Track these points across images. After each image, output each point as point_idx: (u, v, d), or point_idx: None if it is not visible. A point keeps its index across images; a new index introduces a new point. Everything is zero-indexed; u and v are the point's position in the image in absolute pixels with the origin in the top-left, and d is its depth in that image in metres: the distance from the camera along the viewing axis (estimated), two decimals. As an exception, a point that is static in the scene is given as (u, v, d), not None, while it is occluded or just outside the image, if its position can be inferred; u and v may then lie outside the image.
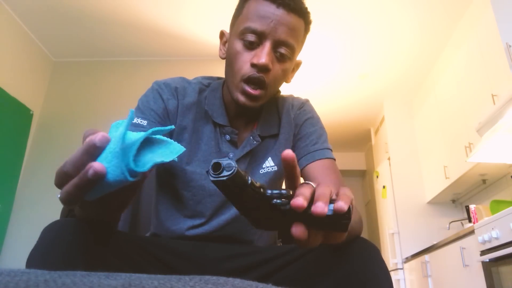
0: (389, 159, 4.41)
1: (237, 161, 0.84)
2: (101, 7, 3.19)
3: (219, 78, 0.95)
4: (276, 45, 0.77)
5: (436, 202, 4.01)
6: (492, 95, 2.62)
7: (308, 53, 3.69)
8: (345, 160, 6.09)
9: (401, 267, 3.89)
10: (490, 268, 2.26)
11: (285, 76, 0.83)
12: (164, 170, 0.86)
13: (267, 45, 0.76)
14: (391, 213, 4.16)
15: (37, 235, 0.60)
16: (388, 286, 0.62)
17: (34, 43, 3.56)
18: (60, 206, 0.95)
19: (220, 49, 0.87)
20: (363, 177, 6.47)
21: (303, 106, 0.94)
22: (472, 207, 3.13)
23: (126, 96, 3.56)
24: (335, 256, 0.65)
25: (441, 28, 3.37)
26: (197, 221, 0.83)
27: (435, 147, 3.78)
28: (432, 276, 3.15)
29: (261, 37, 0.76)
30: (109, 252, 0.65)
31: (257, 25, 0.76)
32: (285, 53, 0.78)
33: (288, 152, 0.46)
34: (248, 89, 0.77)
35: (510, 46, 2.24)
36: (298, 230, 0.43)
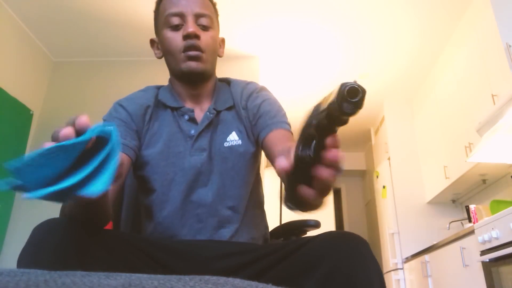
0: (389, 159, 4.41)
1: (199, 135, 0.90)
2: (101, 7, 3.19)
3: None
4: (196, 18, 0.91)
5: (436, 202, 4.01)
6: (492, 95, 2.62)
7: (308, 53, 3.69)
8: (345, 160, 6.08)
9: (401, 267, 3.89)
10: (490, 268, 2.26)
11: (215, 44, 0.94)
12: (134, 164, 0.91)
13: (190, 19, 0.90)
14: (391, 213, 4.16)
15: (37, 235, 0.60)
16: (376, 278, 0.61)
17: (34, 43, 3.56)
18: (60, 207, 0.95)
19: (155, 53, 1.00)
20: (363, 177, 6.47)
21: (261, 90, 1.00)
22: (472, 207, 3.13)
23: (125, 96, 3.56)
24: (324, 251, 0.65)
25: (441, 28, 3.37)
26: (177, 201, 0.86)
27: (435, 147, 3.78)
28: (432, 276, 3.15)
29: (182, 17, 0.90)
30: (100, 251, 0.65)
31: (174, 9, 0.90)
32: (206, 23, 0.92)
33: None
34: (189, 52, 0.88)
35: (510, 46, 2.24)
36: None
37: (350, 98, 0.38)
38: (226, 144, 0.91)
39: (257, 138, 0.93)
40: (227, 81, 1.04)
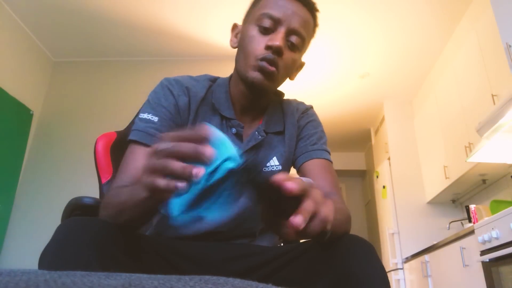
0: (389, 159, 4.41)
1: (241, 155, 0.84)
2: (101, 7, 3.19)
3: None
4: (289, 33, 0.82)
5: (436, 202, 4.01)
6: (492, 95, 2.62)
7: (308, 53, 3.69)
8: (345, 160, 6.09)
9: (401, 267, 3.89)
10: (490, 268, 2.26)
11: (293, 67, 0.87)
12: None
13: (281, 31, 0.81)
14: (391, 213, 4.16)
15: (37, 235, 0.60)
16: (384, 283, 0.62)
17: (34, 43, 3.56)
18: (60, 207, 0.95)
19: (231, 40, 0.91)
20: (363, 177, 6.47)
21: (308, 110, 0.98)
22: (472, 207, 3.13)
23: (126, 96, 3.56)
24: (331, 255, 0.66)
25: (441, 28, 3.37)
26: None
27: (435, 147, 3.78)
28: (432, 276, 3.15)
29: (276, 23, 0.81)
30: (121, 252, 0.65)
31: (274, 12, 0.81)
32: (296, 42, 0.83)
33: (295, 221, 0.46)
34: (264, 64, 0.80)
35: (510, 46, 2.24)
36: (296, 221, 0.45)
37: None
38: (265, 169, 0.88)
39: (294, 160, 0.92)
40: (280, 95, 0.99)
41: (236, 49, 0.90)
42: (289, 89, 4.42)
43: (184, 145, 0.45)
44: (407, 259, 3.75)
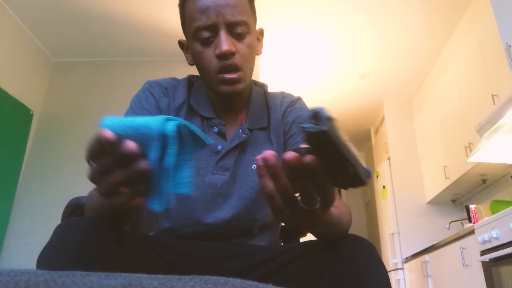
0: (389, 159, 4.41)
1: (226, 153, 0.84)
2: (101, 7, 3.19)
3: None
4: (230, 28, 0.78)
5: (436, 202, 4.01)
6: (492, 95, 2.62)
7: (308, 52, 3.69)
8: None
9: (401, 267, 3.89)
10: (490, 268, 2.26)
11: (253, 50, 0.84)
12: None
13: (222, 33, 0.77)
14: (391, 213, 4.16)
15: (37, 235, 0.61)
16: (386, 284, 0.62)
17: (34, 43, 3.56)
18: (60, 207, 0.95)
19: (186, 57, 0.89)
20: (363, 177, 6.46)
21: (295, 103, 0.94)
22: (472, 207, 3.13)
23: (126, 96, 3.54)
24: (333, 255, 0.65)
25: (441, 28, 3.37)
26: (191, 219, 0.82)
27: (435, 147, 3.78)
28: (432, 276, 3.15)
29: (212, 29, 0.78)
30: (120, 252, 0.65)
31: (203, 21, 0.77)
32: (241, 31, 0.79)
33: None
34: (225, 75, 0.78)
35: (510, 46, 2.24)
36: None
37: (312, 118, 0.40)
38: (254, 167, 0.84)
39: None
40: (263, 88, 0.96)
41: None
42: (289, 89, 4.43)
43: (101, 161, 0.46)
44: (407, 259, 3.75)
